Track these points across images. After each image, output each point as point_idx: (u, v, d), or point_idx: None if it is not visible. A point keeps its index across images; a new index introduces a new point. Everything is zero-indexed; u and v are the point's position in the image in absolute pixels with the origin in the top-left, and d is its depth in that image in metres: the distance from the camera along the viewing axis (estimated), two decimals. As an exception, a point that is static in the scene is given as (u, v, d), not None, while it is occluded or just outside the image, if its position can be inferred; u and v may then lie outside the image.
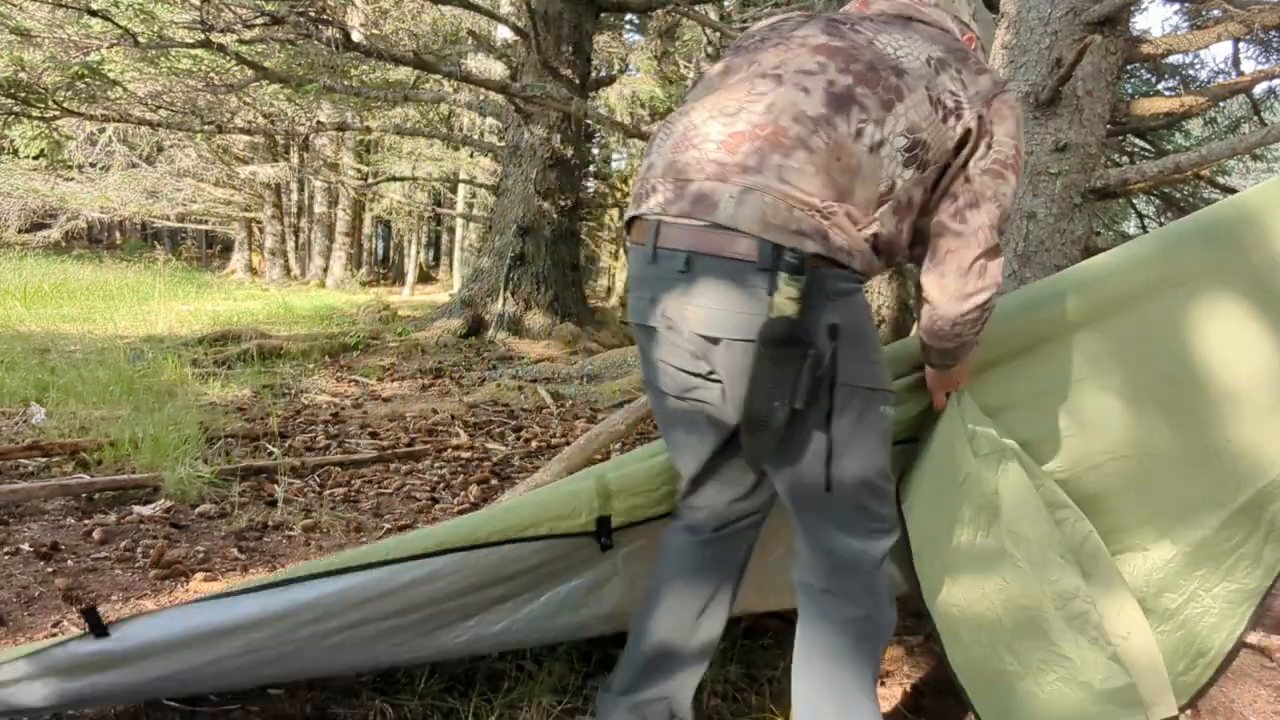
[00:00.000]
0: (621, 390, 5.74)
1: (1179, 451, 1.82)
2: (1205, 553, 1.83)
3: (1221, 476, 1.82)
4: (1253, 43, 7.02)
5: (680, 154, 1.39)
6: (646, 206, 1.40)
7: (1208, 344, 1.80)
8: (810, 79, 1.37)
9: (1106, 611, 1.68)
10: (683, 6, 8.44)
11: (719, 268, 1.31)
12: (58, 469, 3.44)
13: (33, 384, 4.83)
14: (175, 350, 6.57)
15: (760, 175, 1.30)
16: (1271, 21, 3.97)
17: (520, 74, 8.81)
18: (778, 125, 1.33)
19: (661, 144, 1.45)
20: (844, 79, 1.36)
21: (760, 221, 1.28)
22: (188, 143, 15.09)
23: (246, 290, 15.65)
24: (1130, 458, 1.83)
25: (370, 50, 6.28)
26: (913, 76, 1.38)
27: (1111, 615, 1.70)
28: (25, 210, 16.16)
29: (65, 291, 10.98)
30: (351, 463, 3.83)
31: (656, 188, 1.39)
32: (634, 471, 1.78)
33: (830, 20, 1.48)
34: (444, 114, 14.41)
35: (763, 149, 1.32)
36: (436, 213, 18.73)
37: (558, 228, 8.89)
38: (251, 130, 9.42)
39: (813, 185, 1.30)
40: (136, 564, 2.59)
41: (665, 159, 1.41)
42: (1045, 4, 3.94)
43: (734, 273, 1.29)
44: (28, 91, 6.86)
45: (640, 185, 1.45)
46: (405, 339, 8.06)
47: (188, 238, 26.54)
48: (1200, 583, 1.83)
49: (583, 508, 1.72)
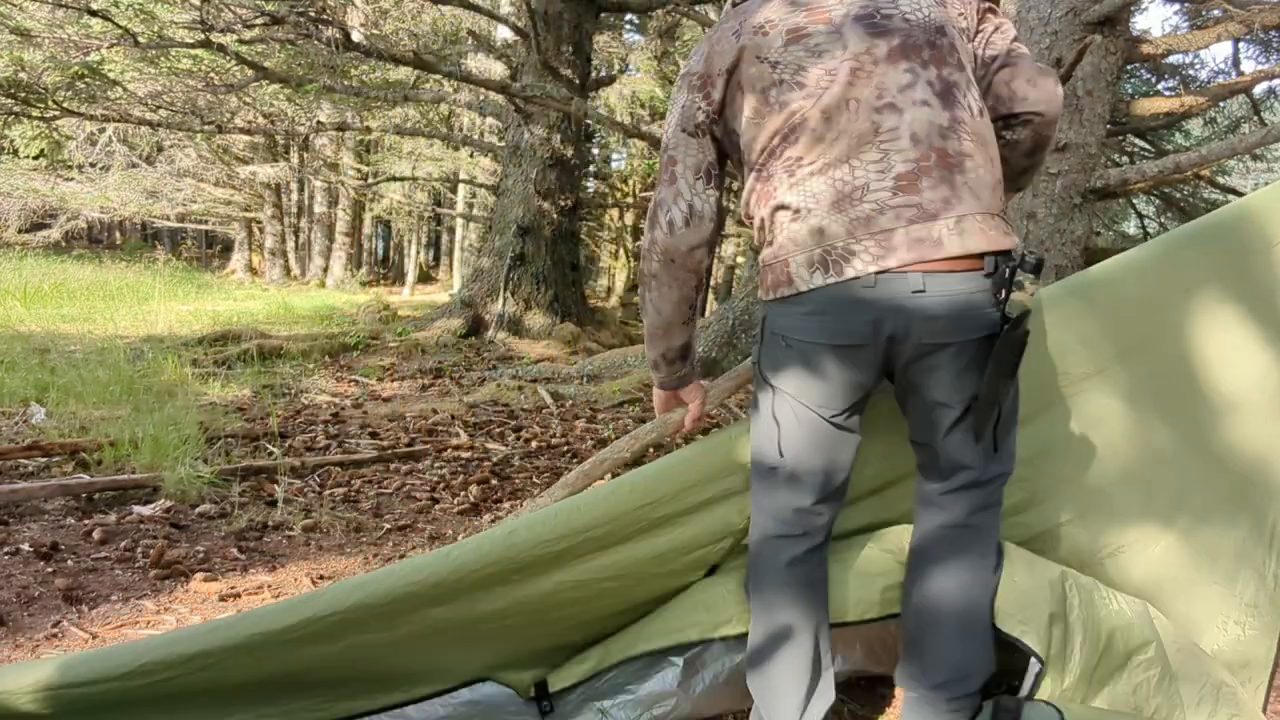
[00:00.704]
0: (622, 390, 5.74)
1: (1183, 458, 1.82)
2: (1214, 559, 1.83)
3: (1228, 483, 1.82)
4: (1253, 43, 7.02)
5: (853, 210, 1.41)
6: (855, 269, 1.40)
7: (1212, 350, 1.80)
8: (914, 91, 1.43)
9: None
10: (683, 6, 8.44)
11: (953, 283, 1.40)
12: (58, 469, 3.44)
13: (33, 384, 4.83)
14: (175, 350, 6.58)
15: (959, 200, 1.40)
16: (1271, 21, 3.97)
17: (520, 74, 8.81)
18: (935, 149, 1.41)
19: (811, 209, 1.43)
20: (931, 72, 1.44)
21: (982, 238, 1.40)
22: (188, 143, 15.09)
23: (246, 290, 15.65)
24: (1135, 461, 1.83)
25: (370, 50, 6.28)
26: (944, 24, 1.49)
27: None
28: (25, 210, 16.15)
29: (65, 291, 10.98)
30: (351, 463, 3.83)
31: (853, 249, 1.40)
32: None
33: (858, 17, 1.46)
34: (444, 114, 14.41)
35: (942, 176, 1.40)
36: (436, 213, 18.73)
37: (558, 228, 8.89)
38: (251, 130, 9.42)
39: (989, 179, 1.44)
40: (136, 564, 2.59)
41: (838, 222, 1.41)
42: (1045, 4, 3.95)
43: (967, 284, 1.40)
44: (28, 91, 6.85)
45: (815, 253, 1.43)
46: (405, 339, 8.06)
47: (188, 238, 26.55)
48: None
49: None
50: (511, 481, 3.74)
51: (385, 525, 3.10)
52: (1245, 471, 1.82)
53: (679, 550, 1.73)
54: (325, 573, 2.63)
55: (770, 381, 1.56)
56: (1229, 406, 1.81)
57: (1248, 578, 1.81)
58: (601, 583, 1.67)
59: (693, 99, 1.55)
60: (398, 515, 3.23)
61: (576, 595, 1.66)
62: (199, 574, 2.52)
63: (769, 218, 1.50)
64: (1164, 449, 1.82)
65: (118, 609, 2.29)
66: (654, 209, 1.58)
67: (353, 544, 2.90)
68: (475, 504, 3.38)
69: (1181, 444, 1.82)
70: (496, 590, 1.59)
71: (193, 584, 2.46)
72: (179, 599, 2.38)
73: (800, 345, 1.48)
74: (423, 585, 1.51)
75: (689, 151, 1.56)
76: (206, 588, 2.44)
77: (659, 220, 1.57)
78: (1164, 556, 1.84)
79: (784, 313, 1.49)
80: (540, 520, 1.61)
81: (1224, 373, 1.80)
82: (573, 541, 1.61)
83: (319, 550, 2.83)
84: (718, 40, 1.55)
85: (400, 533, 3.04)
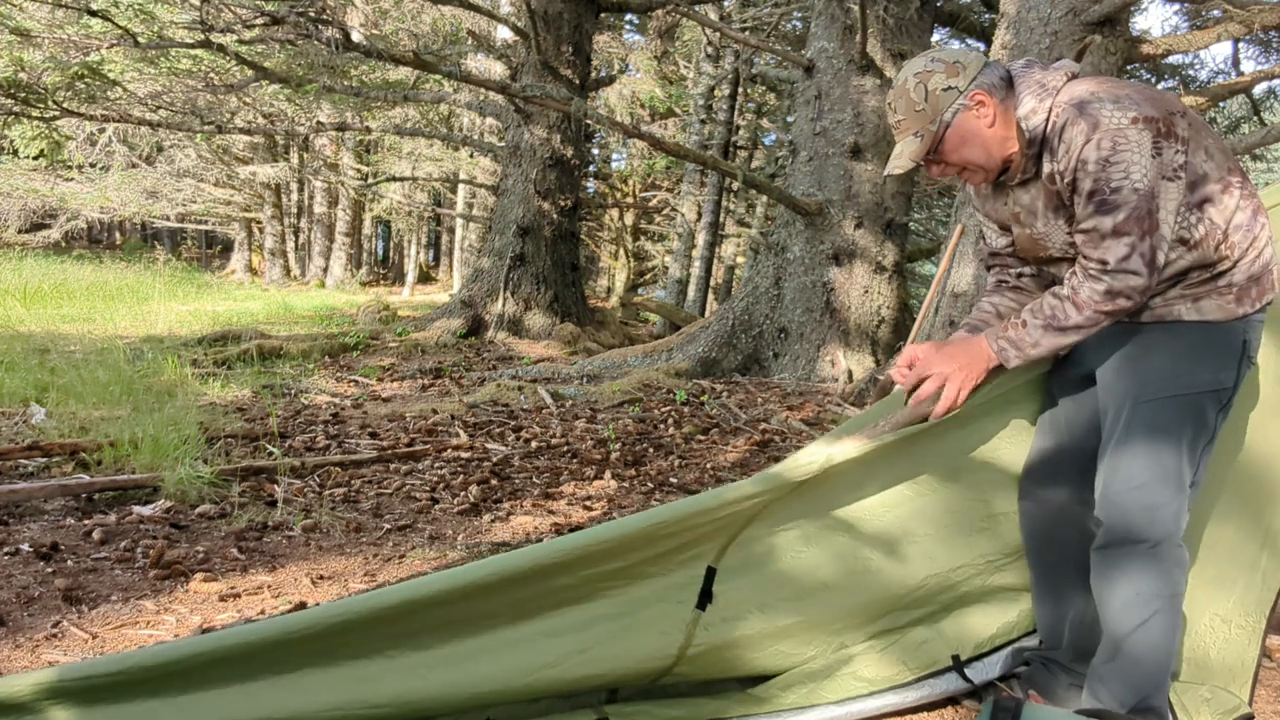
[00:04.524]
0: (621, 390, 5.74)
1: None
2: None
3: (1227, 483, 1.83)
4: (1253, 43, 7.03)
5: None
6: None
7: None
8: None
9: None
10: (683, 6, 8.44)
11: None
12: (58, 469, 3.44)
13: (33, 384, 4.83)
14: (175, 350, 6.57)
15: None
16: (1271, 21, 3.97)
17: (520, 74, 8.81)
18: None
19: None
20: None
21: None
22: (188, 143, 15.09)
23: (246, 290, 15.65)
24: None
25: (370, 50, 6.28)
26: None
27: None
28: (25, 210, 16.14)
29: (65, 291, 10.97)
30: (351, 463, 3.83)
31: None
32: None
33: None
34: (444, 114, 14.42)
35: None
36: (436, 213, 18.74)
37: (558, 228, 8.89)
38: (251, 130, 9.43)
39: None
40: (136, 564, 2.59)
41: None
42: (1045, 4, 3.95)
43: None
44: (28, 91, 6.86)
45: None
46: (405, 339, 8.06)
47: (188, 238, 26.56)
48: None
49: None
50: (511, 481, 3.74)
51: (385, 525, 3.10)
52: (1245, 472, 1.82)
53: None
54: (325, 573, 2.63)
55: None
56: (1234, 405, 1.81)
57: (1240, 577, 1.82)
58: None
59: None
60: (398, 515, 3.23)
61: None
62: (199, 574, 2.52)
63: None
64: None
65: (117, 609, 2.29)
66: (1153, 253, 1.55)
67: (353, 544, 2.90)
68: (475, 504, 3.38)
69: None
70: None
71: (193, 584, 2.46)
72: (179, 599, 2.38)
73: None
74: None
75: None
76: (206, 588, 2.44)
77: (1156, 266, 1.57)
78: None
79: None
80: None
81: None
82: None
83: (319, 550, 2.83)
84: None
85: (400, 533, 3.04)
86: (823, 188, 6.56)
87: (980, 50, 4.65)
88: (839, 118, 6.50)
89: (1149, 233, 1.53)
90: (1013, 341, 1.67)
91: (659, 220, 17.52)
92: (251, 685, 1.40)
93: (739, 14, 11.98)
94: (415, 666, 1.51)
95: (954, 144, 1.65)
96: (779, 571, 1.75)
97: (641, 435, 4.68)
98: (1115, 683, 1.67)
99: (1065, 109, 1.57)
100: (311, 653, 1.44)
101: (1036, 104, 1.61)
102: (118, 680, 1.32)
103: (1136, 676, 1.65)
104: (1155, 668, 1.64)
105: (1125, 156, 1.51)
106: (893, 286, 6.65)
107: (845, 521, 1.79)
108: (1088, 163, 1.54)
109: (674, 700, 1.78)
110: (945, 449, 1.83)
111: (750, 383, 6.26)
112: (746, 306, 6.80)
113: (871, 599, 1.83)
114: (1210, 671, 1.81)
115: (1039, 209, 1.69)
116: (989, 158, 1.66)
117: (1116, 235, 1.54)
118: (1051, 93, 1.61)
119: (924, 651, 1.88)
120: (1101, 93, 1.56)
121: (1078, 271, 1.62)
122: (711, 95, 13.03)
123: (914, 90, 1.64)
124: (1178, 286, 1.63)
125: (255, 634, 1.40)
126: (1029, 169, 1.67)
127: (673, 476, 3.90)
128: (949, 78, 1.63)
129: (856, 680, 1.83)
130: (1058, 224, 1.67)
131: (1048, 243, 1.71)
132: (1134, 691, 1.65)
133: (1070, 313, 1.61)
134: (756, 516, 1.71)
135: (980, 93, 1.62)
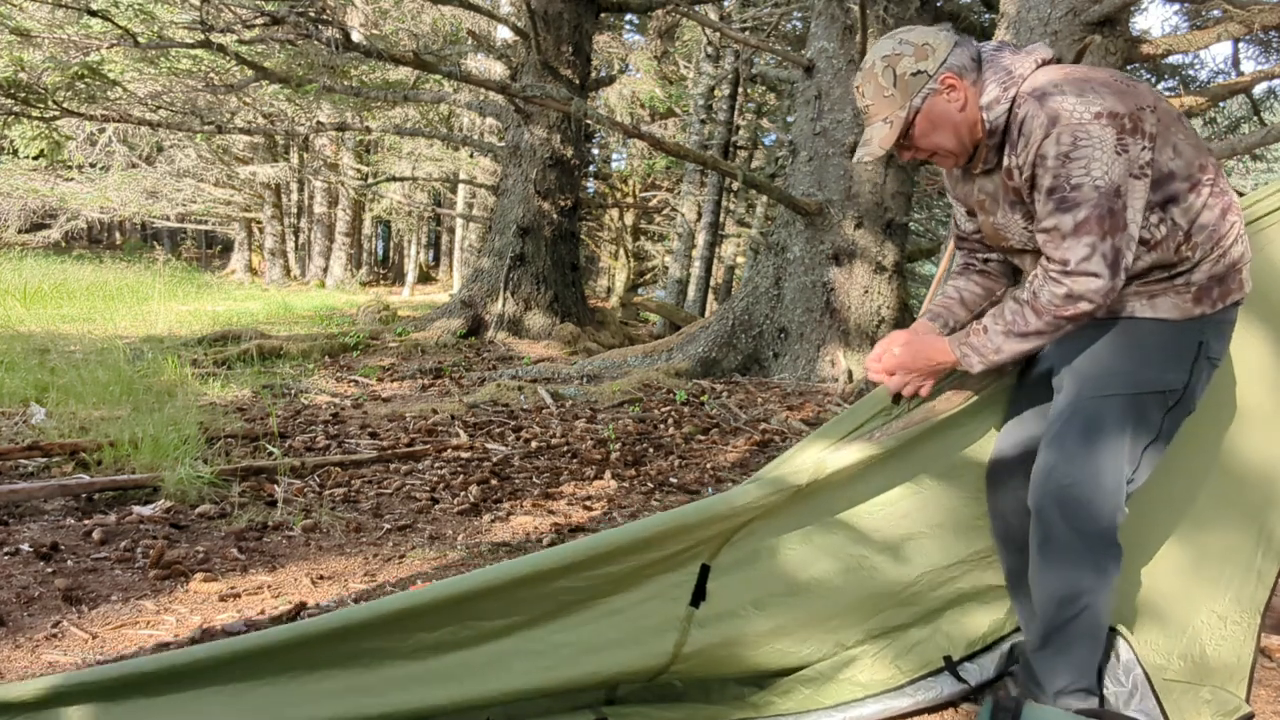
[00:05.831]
0: (621, 390, 5.74)
1: (1183, 458, 1.83)
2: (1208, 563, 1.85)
3: (1227, 482, 1.84)
4: (1253, 43, 7.03)
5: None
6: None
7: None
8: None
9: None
10: (683, 6, 8.44)
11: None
12: (58, 469, 3.44)
13: (33, 384, 4.82)
14: (175, 350, 6.57)
15: None
16: (1271, 21, 3.97)
17: (520, 74, 8.81)
18: None
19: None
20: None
21: None
22: (188, 143, 15.09)
23: (246, 290, 15.65)
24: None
25: (370, 50, 6.28)
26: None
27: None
28: (25, 210, 16.14)
29: (65, 291, 10.97)
30: (351, 463, 3.83)
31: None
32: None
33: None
34: (444, 114, 14.42)
35: None
36: (436, 213, 18.74)
37: (558, 228, 8.89)
38: (251, 130, 9.43)
39: None
40: (136, 564, 2.59)
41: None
42: (1045, 4, 3.95)
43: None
44: (28, 91, 6.85)
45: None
46: (405, 339, 8.06)
47: (188, 238, 26.54)
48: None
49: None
50: (511, 481, 3.74)
51: (385, 525, 3.10)
52: (1244, 472, 1.83)
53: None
54: (325, 573, 2.63)
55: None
56: (1231, 407, 1.82)
57: (1236, 576, 1.84)
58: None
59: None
60: (398, 515, 3.23)
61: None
62: (199, 574, 2.52)
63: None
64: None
65: (117, 609, 2.29)
66: (1117, 254, 1.51)
67: (353, 544, 2.90)
68: (475, 504, 3.38)
69: (1181, 445, 1.82)
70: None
71: (193, 584, 2.46)
72: (179, 599, 2.38)
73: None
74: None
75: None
76: (206, 588, 2.44)
77: (1121, 268, 1.52)
78: (1163, 551, 1.88)
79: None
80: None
81: (1224, 374, 1.80)
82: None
83: (319, 550, 2.83)
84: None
85: (400, 533, 3.04)
86: (823, 188, 6.56)
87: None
88: (839, 118, 6.50)
89: (1111, 233, 1.48)
90: (974, 348, 1.65)
91: (659, 220, 17.53)
92: (247, 695, 1.40)
93: (739, 14, 11.99)
94: (416, 669, 1.52)
95: (924, 129, 1.60)
96: (773, 568, 1.75)
97: (641, 435, 4.68)
98: (1045, 670, 1.70)
99: (1027, 100, 1.53)
100: (306, 663, 1.45)
101: (1000, 93, 1.57)
102: (111, 686, 1.33)
103: (1064, 664, 1.68)
104: (1086, 653, 1.68)
105: (1086, 152, 1.47)
106: (893, 286, 6.65)
107: (840, 518, 1.79)
108: (1046, 158, 1.49)
109: (672, 704, 1.78)
110: (940, 448, 1.84)
111: (750, 383, 6.26)
112: (746, 306, 6.80)
113: (867, 595, 1.83)
114: (1207, 669, 1.82)
115: (1000, 199, 1.66)
116: (960, 142, 1.62)
117: (1077, 234, 1.49)
118: (1017, 81, 1.56)
119: (917, 653, 1.89)
120: (1066, 84, 1.51)
121: (1039, 273, 1.57)
122: (711, 95, 13.03)
123: (882, 75, 1.59)
124: (1134, 284, 1.60)
125: (250, 644, 1.40)
126: (990, 159, 1.63)
127: (673, 476, 3.90)
128: (918, 61, 1.57)
129: (852, 685, 1.84)
130: (1014, 217, 1.65)
131: (1007, 233, 1.69)
132: (1062, 676, 1.69)
133: (1030, 318, 1.57)
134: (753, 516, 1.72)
135: (950, 75, 1.56)
